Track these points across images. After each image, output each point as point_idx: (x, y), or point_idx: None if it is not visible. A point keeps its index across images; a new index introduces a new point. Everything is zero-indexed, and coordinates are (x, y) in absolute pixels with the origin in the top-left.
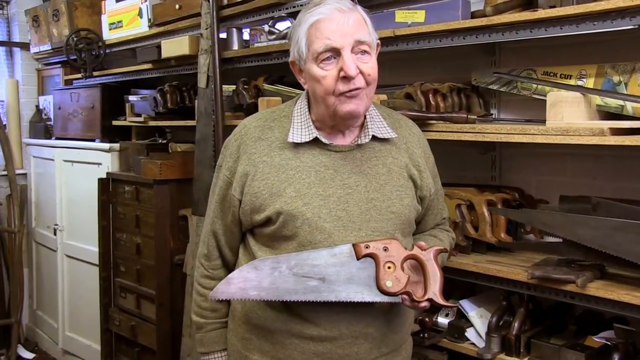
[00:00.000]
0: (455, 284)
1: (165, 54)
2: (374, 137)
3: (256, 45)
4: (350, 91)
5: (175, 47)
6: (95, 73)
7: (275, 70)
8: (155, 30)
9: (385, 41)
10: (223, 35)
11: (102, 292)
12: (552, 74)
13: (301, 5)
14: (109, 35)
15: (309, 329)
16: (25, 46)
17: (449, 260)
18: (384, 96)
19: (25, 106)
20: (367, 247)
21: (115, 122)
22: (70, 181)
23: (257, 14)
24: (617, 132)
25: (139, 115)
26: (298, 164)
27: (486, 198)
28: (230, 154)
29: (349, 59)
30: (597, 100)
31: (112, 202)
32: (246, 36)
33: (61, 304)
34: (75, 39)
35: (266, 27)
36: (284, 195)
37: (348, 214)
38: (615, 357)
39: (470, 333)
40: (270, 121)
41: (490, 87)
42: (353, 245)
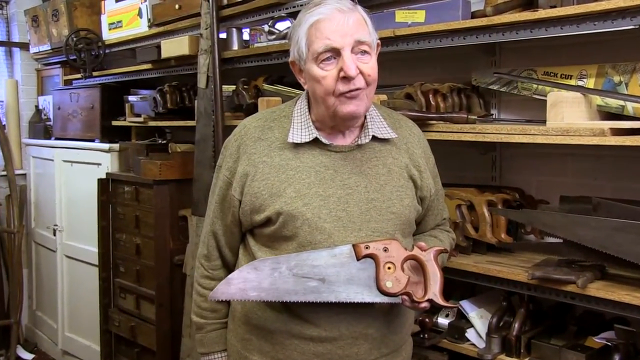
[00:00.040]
0: (456, 285)
1: (165, 54)
2: (374, 138)
3: (256, 45)
4: (350, 91)
5: (175, 47)
6: (95, 73)
7: (275, 71)
8: (155, 30)
9: (385, 41)
10: (223, 36)
11: (102, 292)
12: (552, 74)
13: (301, 5)
14: (108, 36)
15: (309, 330)
16: (24, 46)
17: (449, 261)
18: (384, 96)
19: (24, 106)
20: (367, 248)
21: (114, 123)
22: (69, 181)
23: (257, 14)
24: (617, 132)
25: (139, 115)
26: (298, 164)
27: (486, 198)
28: (230, 154)
29: (349, 59)
30: (598, 100)
31: (111, 203)
32: (246, 36)
33: (60, 305)
34: (74, 39)
35: (266, 27)
36: (284, 196)
37: (348, 215)
38: (616, 358)
39: (470, 334)
40: (270, 121)
41: (491, 87)
42: (353, 245)
